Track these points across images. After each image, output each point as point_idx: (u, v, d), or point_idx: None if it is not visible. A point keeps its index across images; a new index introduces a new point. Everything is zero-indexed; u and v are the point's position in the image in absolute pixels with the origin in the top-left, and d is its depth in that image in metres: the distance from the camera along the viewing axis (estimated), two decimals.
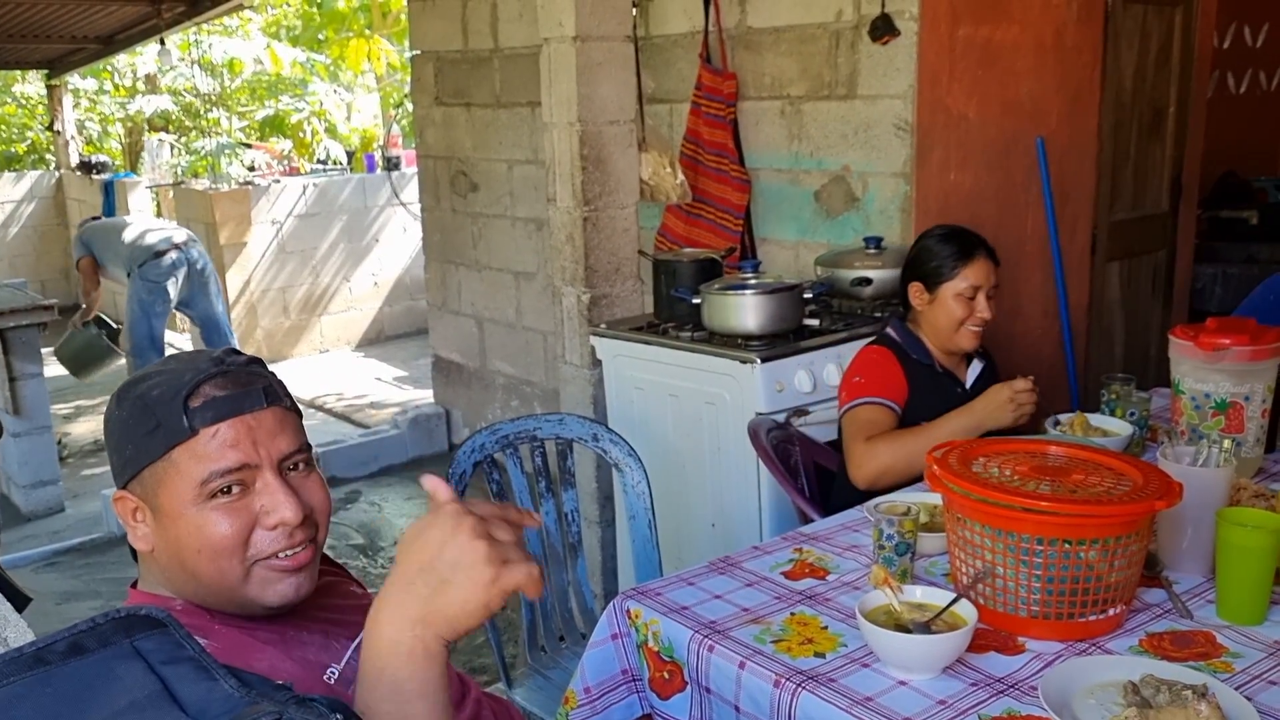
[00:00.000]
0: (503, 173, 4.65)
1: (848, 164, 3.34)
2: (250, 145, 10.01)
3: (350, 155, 9.40)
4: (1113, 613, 1.50)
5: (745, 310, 2.84)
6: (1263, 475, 2.04)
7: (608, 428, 2.49)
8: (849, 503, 2.09)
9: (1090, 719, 1.28)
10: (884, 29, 3.10)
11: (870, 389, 2.31)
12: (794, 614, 1.59)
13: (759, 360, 2.76)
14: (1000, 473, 1.55)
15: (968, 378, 2.43)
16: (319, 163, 9.47)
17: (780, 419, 2.67)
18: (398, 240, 7.89)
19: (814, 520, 2.08)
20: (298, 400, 1.21)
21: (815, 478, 2.55)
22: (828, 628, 1.55)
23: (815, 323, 2.96)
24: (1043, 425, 2.16)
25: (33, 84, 11.50)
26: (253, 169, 9.03)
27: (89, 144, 11.07)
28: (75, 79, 10.17)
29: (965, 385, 2.41)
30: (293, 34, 11.24)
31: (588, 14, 3.39)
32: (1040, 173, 3.38)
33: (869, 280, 3.04)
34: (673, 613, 1.61)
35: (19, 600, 2.12)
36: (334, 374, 7.02)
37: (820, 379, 2.85)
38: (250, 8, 9.81)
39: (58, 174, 9.76)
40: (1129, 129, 3.64)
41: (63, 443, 5.49)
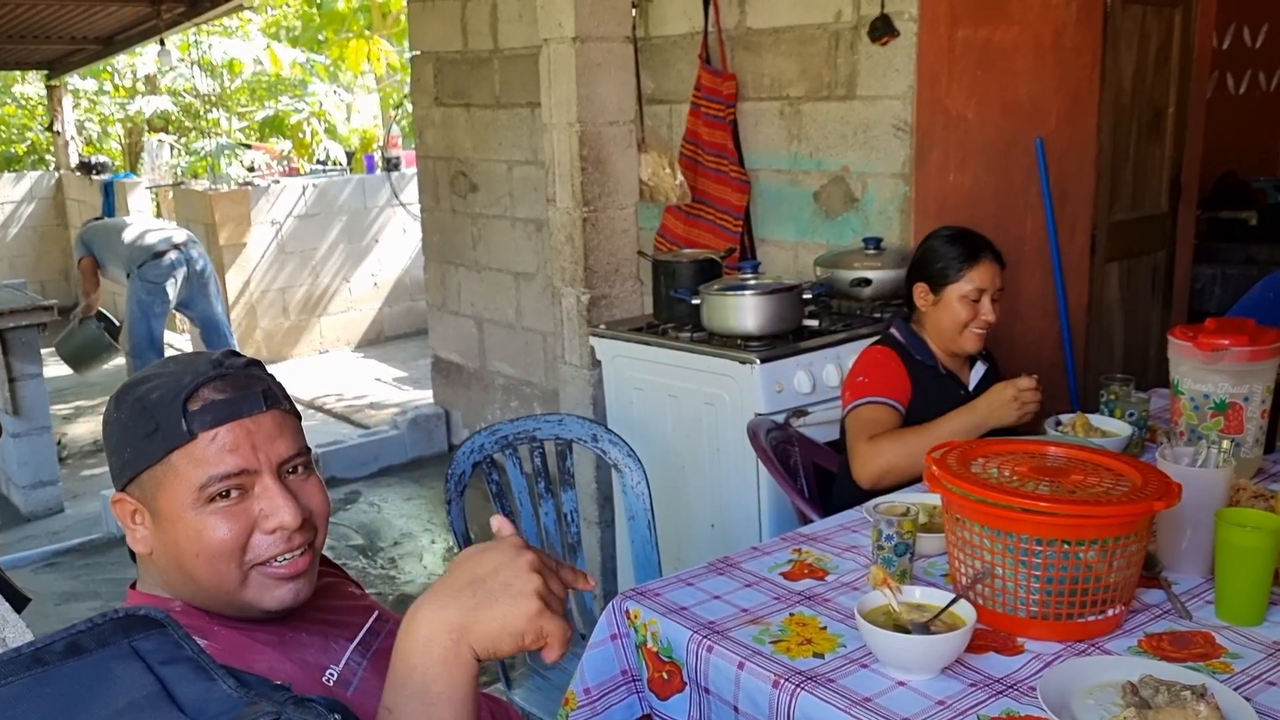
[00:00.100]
0: (502, 173, 4.65)
1: (847, 165, 3.35)
2: (250, 146, 10.02)
3: (350, 156, 9.41)
4: (1112, 613, 1.50)
5: (744, 311, 2.84)
6: (1262, 476, 2.04)
7: (607, 428, 2.49)
8: (849, 503, 2.08)
9: (1089, 719, 1.28)
10: (883, 30, 3.10)
11: (874, 389, 2.31)
12: (793, 614, 1.59)
13: (758, 361, 2.76)
14: (999, 473, 1.55)
15: (971, 379, 2.43)
16: (319, 163, 9.47)
17: (779, 420, 2.67)
18: (397, 241, 7.89)
19: (813, 521, 2.08)
20: (297, 401, 1.21)
21: (814, 478, 2.55)
22: (827, 628, 1.55)
23: (814, 323, 2.96)
24: (1042, 426, 2.16)
25: (32, 84, 11.51)
26: (252, 170, 9.03)
27: (89, 145, 11.07)
28: (75, 80, 10.18)
29: (968, 387, 2.41)
30: (292, 35, 11.25)
31: (587, 15, 3.39)
32: (1039, 173, 3.38)
33: (868, 281, 3.04)
34: (672, 613, 1.61)
35: (18, 601, 2.12)
36: (333, 375, 7.02)
37: (819, 379, 2.85)
38: (250, 8, 9.82)
39: (57, 175, 9.76)
40: (1128, 130, 3.64)
41: (62, 443, 5.49)
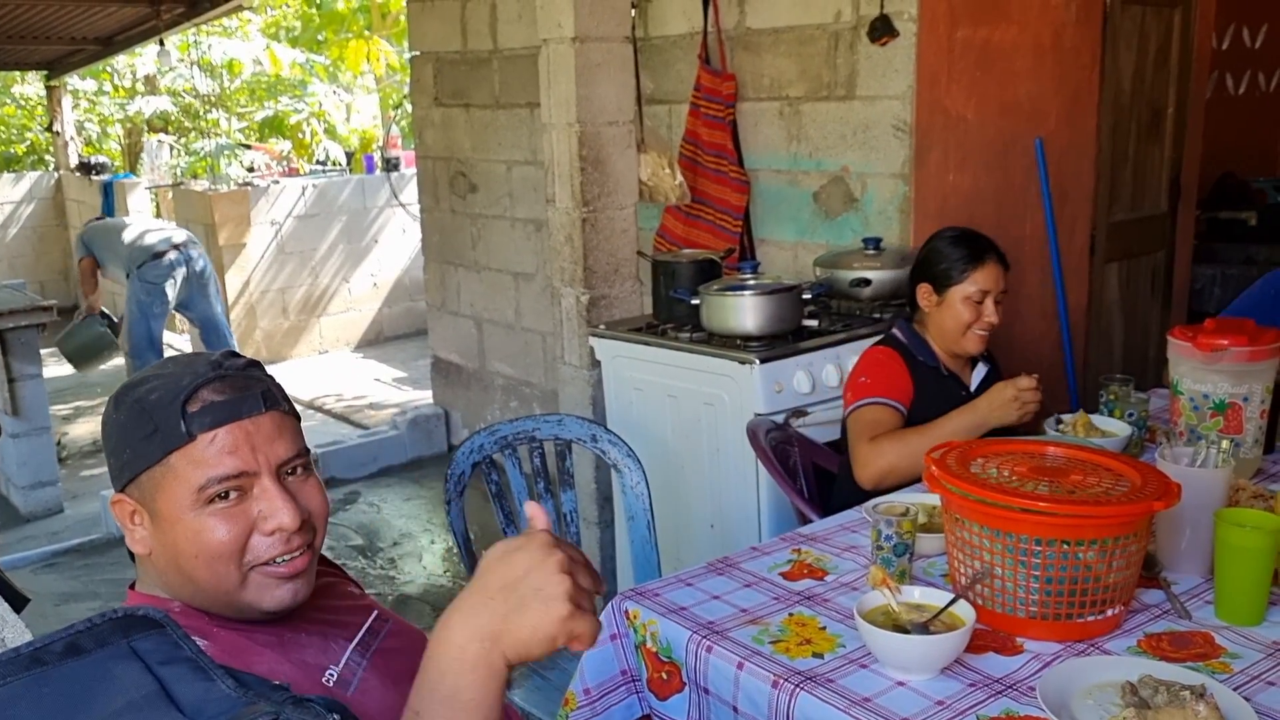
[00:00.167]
0: (502, 174, 4.65)
1: (846, 165, 3.35)
2: (249, 146, 10.02)
3: (349, 156, 9.41)
4: (1111, 613, 1.50)
5: (744, 311, 2.84)
6: (1261, 476, 2.04)
7: (606, 429, 2.49)
8: (849, 504, 2.08)
9: (1088, 719, 1.28)
10: (883, 30, 3.10)
11: (876, 389, 2.30)
12: (792, 614, 1.59)
13: (758, 361, 2.76)
14: (998, 473, 1.55)
15: (972, 381, 2.42)
16: (318, 163, 9.47)
17: (779, 420, 2.67)
18: (397, 241, 7.89)
19: (812, 521, 2.08)
20: (297, 401, 1.21)
21: (814, 478, 2.55)
22: (826, 628, 1.55)
23: (814, 323, 2.96)
24: (1042, 426, 2.16)
25: (32, 85, 11.51)
26: (252, 170, 9.03)
27: (88, 145, 11.07)
28: (74, 80, 10.18)
29: (970, 388, 2.41)
30: (292, 35, 11.25)
31: (586, 15, 3.39)
32: (1039, 174, 3.38)
33: (868, 281, 3.04)
34: (671, 613, 1.61)
35: (17, 601, 2.12)
36: (333, 375, 7.02)
37: (819, 380, 2.85)
38: (249, 9, 9.82)
39: (57, 175, 9.76)
40: (1128, 130, 3.64)
41: (62, 443, 5.49)
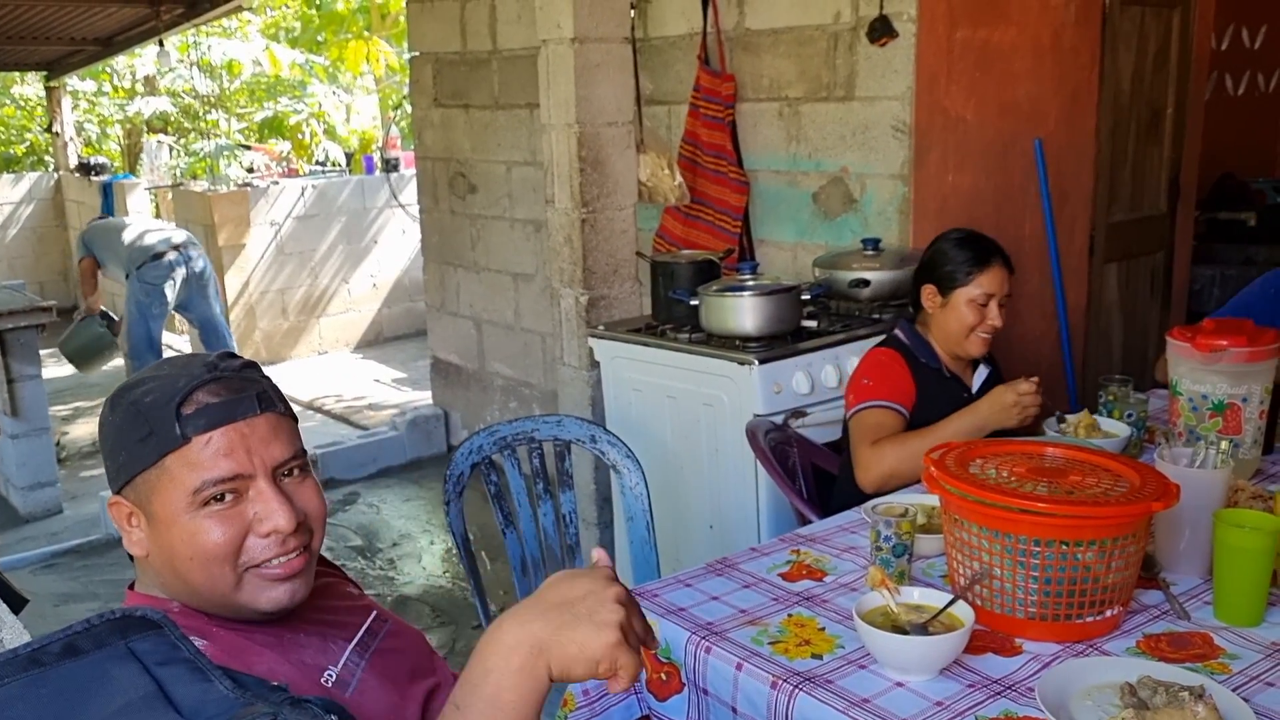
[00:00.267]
0: (501, 174, 4.65)
1: (846, 165, 3.34)
2: (249, 147, 10.02)
3: (349, 157, 9.40)
4: (1110, 614, 1.50)
5: (743, 312, 2.84)
6: (1260, 476, 2.04)
7: (606, 429, 2.49)
8: (849, 505, 2.08)
9: None
10: (882, 31, 3.10)
11: (878, 392, 2.30)
12: (791, 615, 1.59)
13: (757, 362, 2.76)
14: (997, 474, 1.55)
15: (974, 382, 2.42)
16: (318, 164, 9.47)
17: (778, 420, 2.67)
18: (396, 242, 7.89)
19: (812, 522, 2.08)
20: (296, 402, 1.21)
21: (813, 479, 2.55)
22: (825, 629, 1.55)
23: (813, 324, 2.97)
24: (1041, 427, 2.16)
25: (31, 85, 11.51)
26: (251, 170, 9.03)
27: (88, 145, 11.07)
28: (74, 81, 10.18)
29: (971, 390, 2.40)
30: (291, 36, 11.24)
31: (586, 16, 3.40)
32: (1038, 174, 3.38)
33: (867, 282, 3.04)
34: (670, 614, 1.61)
35: (15, 602, 2.12)
36: (332, 376, 7.02)
37: (818, 380, 2.85)
38: (249, 9, 9.82)
39: (56, 176, 9.76)
40: (1127, 130, 3.64)
41: (61, 444, 5.49)
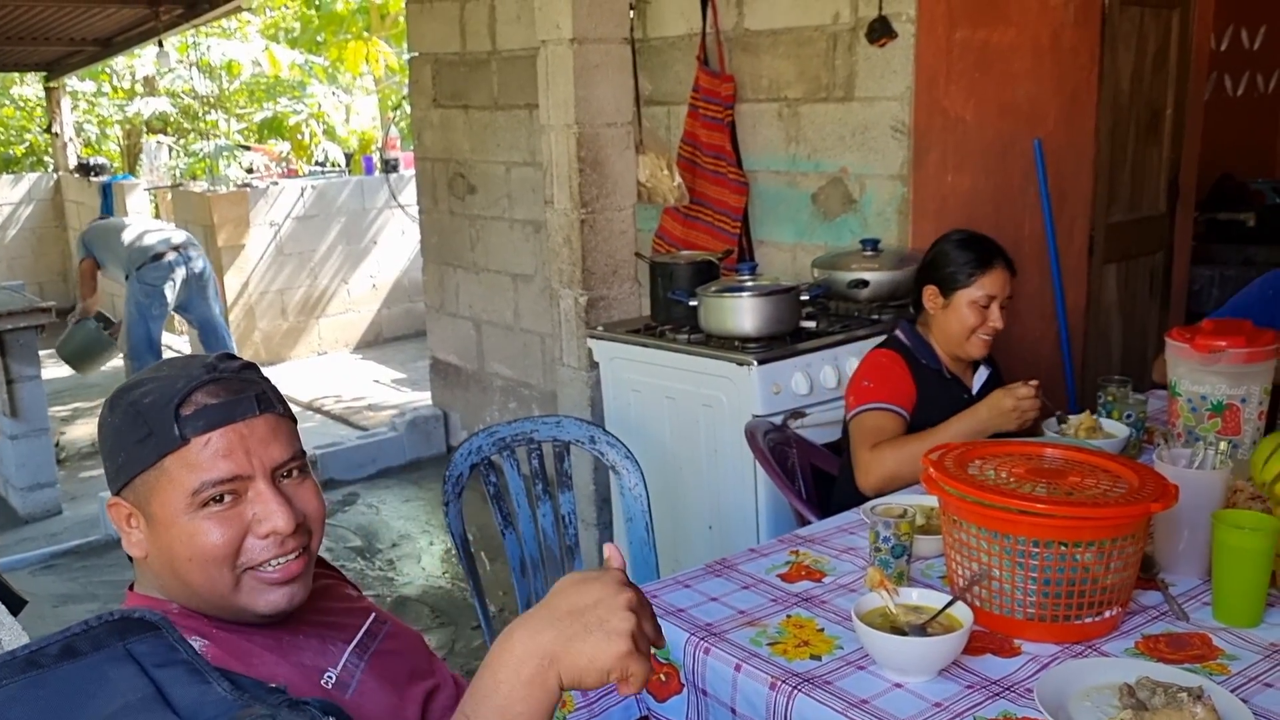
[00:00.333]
0: (500, 175, 4.65)
1: (845, 166, 3.35)
2: (248, 147, 10.01)
3: (348, 157, 9.40)
4: (1109, 615, 1.50)
5: (742, 312, 2.84)
6: None
7: (605, 430, 2.49)
8: (849, 505, 2.08)
9: None
10: (881, 31, 3.10)
11: (879, 394, 2.30)
12: (790, 616, 1.59)
13: (756, 362, 2.76)
14: (996, 475, 1.55)
15: (974, 384, 2.42)
16: (317, 165, 9.46)
17: (777, 421, 2.67)
18: (396, 242, 7.89)
19: (811, 522, 2.08)
20: (295, 403, 1.21)
21: (812, 480, 2.55)
22: (824, 630, 1.55)
23: (812, 325, 2.97)
24: (1041, 428, 2.16)
25: (31, 86, 11.50)
26: (251, 171, 9.02)
27: (87, 146, 11.06)
28: (73, 81, 10.17)
29: (971, 391, 2.40)
30: (291, 36, 11.24)
31: (585, 16, 3.40)
32: (1037, 175, 3.38)
33: (866, 282, 3.04)
34: (669, 615, 1.61)
35: (14, 603, 2.12)
36: (332, 376, 7.01)
37: (817, 381, 2.85)
38: (248, 10, 9.82)
39: (56, 176, 9.75)
40: (1126, 131, 3.64)
41: (60, 445, 5.49)
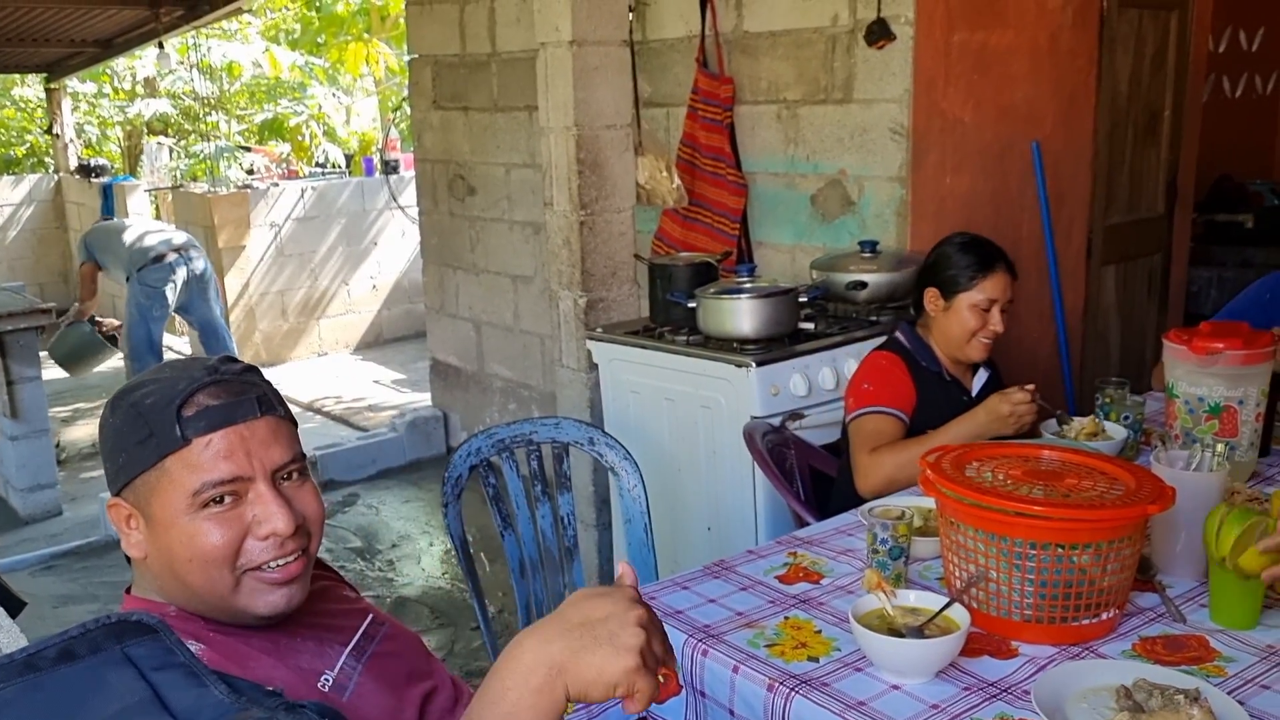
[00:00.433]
0: (500, 176, 4.65)
1: (844, 168, 3.35)
2: (249, 149, 10.01)
3: (349, 159, 9.40)
4: (1106, 617, 1.50)
5: (741, 314, 2.84)
6: (1256, 479, 2.05)
7: (604, 431, 2.49)
8: (848, 507, 2.08)
9: None
10: (880, 33, 3.11)
11: (878, 398, 2.30)
12: (788, 618, 1.60)
13: (754, 364, 2.76)
14: (993, 477, 1.55)
15: (974, 386, 2.42)
16: (318, 166, 9.46)
17: (776, 423, 2.68)
18: (396, 244, 7.89)
19: (809, 524, 2.08)
20: (296, 403, 1.21)
21: (810, 481, 2.55)
22: (821, 632, 1.55)
23: (810, 326, 2.97)
24: (1039, 430, 2.16)
25: (31, 87, 11.50)
26: (251, 172, 9.02)
27: (88, 147, 11.06)
28: (74, 82, 10.18)
29: (971, 393, 2.41)
30: (291, 38, 11.24)
31: (584, 18, 3.40)
32: (1036, 176, 3.39)
33: (864, 284, 3.04)
34: (667, 616, 1.61)
35: (13, 605, 2.12)
36: (332, 377, 7.01)
37: (815, 382, 2.85)
38: (249, 11, 9.82)
39: (56, 177, 9.75)
40: (1124, 133, 3.65)
41: (61, 446, 5.49)
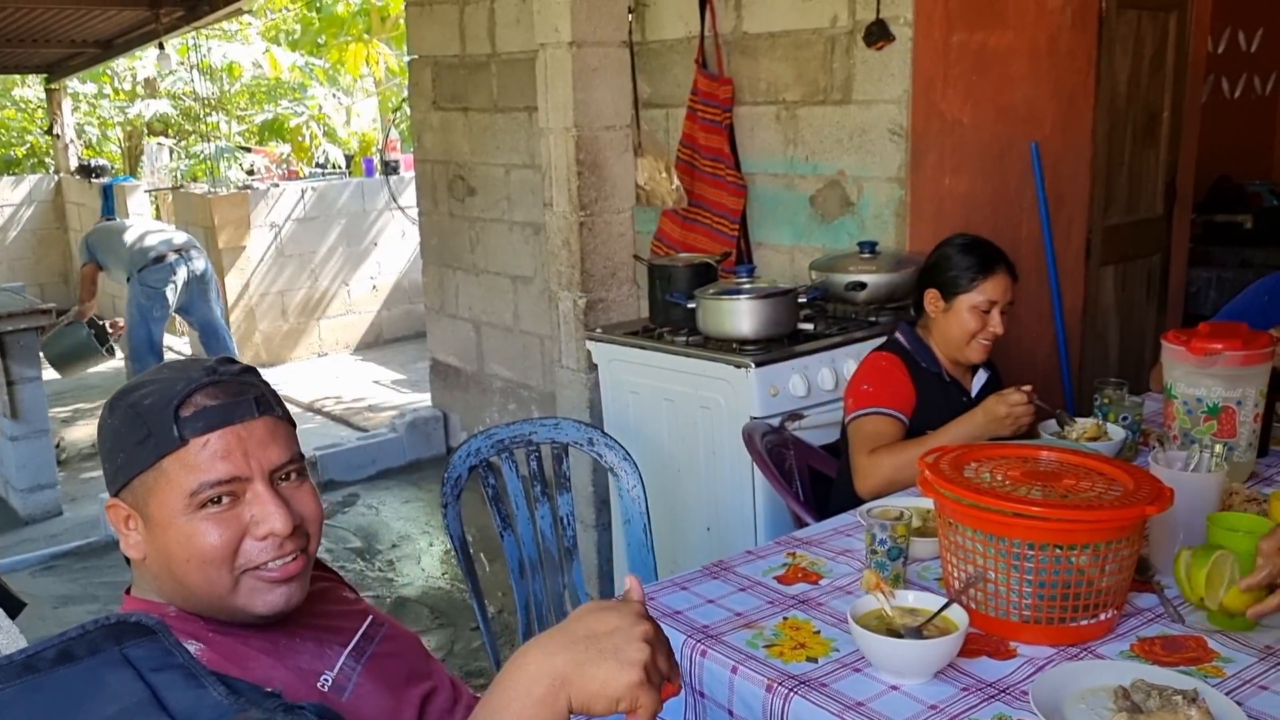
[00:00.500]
0: (500, 177, 4.65)
1: (843, 169, 3.35)
2: (249, 149, 10.02)
3: (349, 159, 9.41)
4: (1104, 617, 1.50)
5: (740, 315, 2.85)
6: (1255, 480, 2.05)
7: (603, 432, 2.50)
8: (848, 507, 2.08)
9: None
10: (879, 34, 3.11)
11: (878, 399, 2.30)
12: (787, 618, 1.60)
13: (754, 365, 2.77)
14: (992, 478, 1.55)
15: (973, 387, 2.42)
16: (318, 166, 9.47)
17: (775, 423, 2.68)
18: (396, 244, 7.89)
19: (808, 524, 2.08)
20: (296, 404, 1.21)
21: (809, 482, 2.55)
22: (820, 632, 1.55)
23: (810, 327, 2.97)
24: (1038, 430, 2.16)
25: (32, 88, 11.51)
26: (251, 173, 9.03)
27: (88, 148, 11.07)
28: (74, 83, 10.18)
29: (970, 394, 2.41)
30: (292, 38, 11.24)
31: (584, 19, 3.40)
32: (1035, 177, 3.39)
33: (863, 285, 3.04)
34: (666, 617, 1.61)
35: (12, 606, 2.13)
36: (332, 377, 7.02)
37: (815, 383, 2.85)
38: (249, 12, 9.82)
39: (57, 178, 9.76)
40: (1123, 134, 3.65)
41: (61, 446, 5.49)
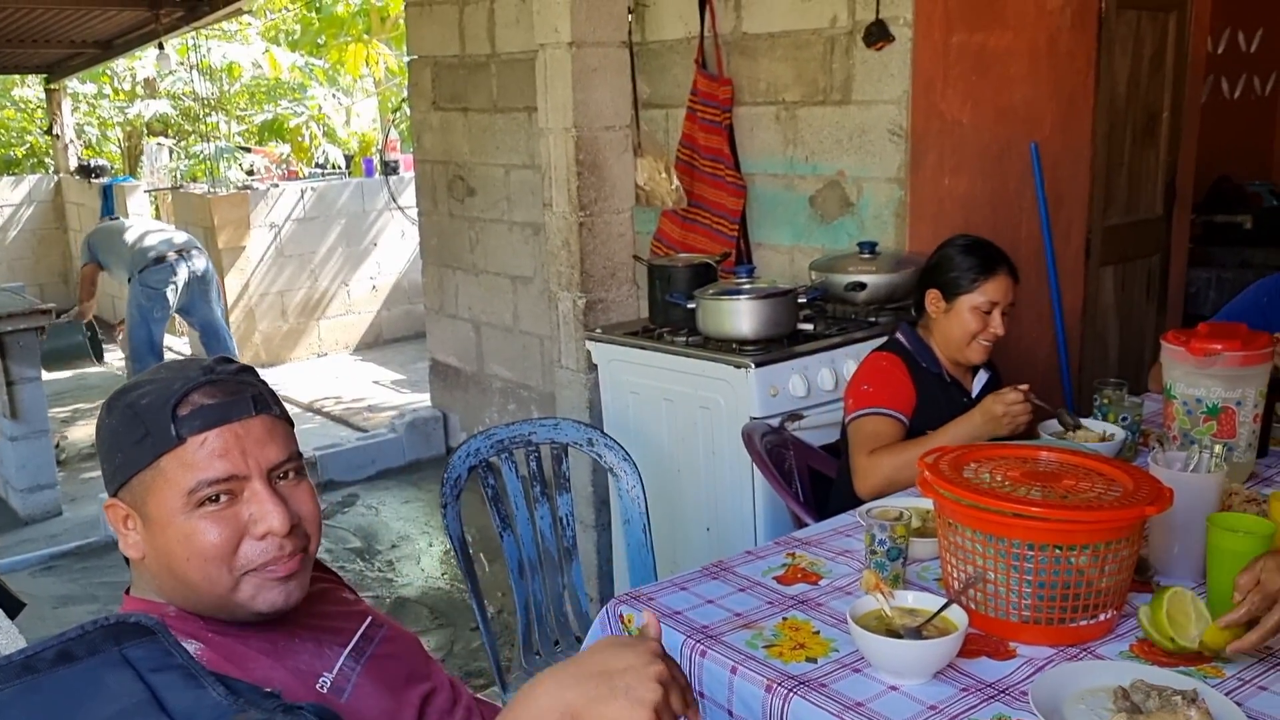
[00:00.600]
0: (500, 177, 4.65)
1: (842, 169, 3.35)
2: (249, 149, 10.02)
3: (348, 159, 9.41)
4: (1104, 618, 1.50)
5: (740, 315, 2.85)
6: (1254, 480, 2.05)
7: (603, 432, 2.50)
8: (847, 507, 2.08)
9: None
10: (878, 35, 3.11)
11: (878, 399, 2.29)
12: (786, 619, 1.60)
13: (753, 365, 2.77)
14: (991, 478, 1.55)
15: (973, 387, 2.42)
16: (317, 167, 9.47)
17: (774, 423, 2.68)
18: (396, 244, 7.90)
19: (807, 525, 2.08)
20: (295, 404, 1.21)
21: (809, 482, 2.55)
22: (820, 632, 1.55)
23: (809, 327, 2.97)
24: (1036, 431, 2.16)
25: (32, 88, 11.50)
26: (251, 173, 9.03)
27: (88, 148, 11.07)
28: (74, 83, 10.18)
29: (971, 395, 2.41)
30: (291, 39, 11.24)
31: (583, 20, 3.40)
32: (1034, 178, 3.39)
33: (863, 285, 3.04)
34: (665, 617, 1.61)
35: (12, 606, 2.13)
36: (332, 377, 7.02)
37: (814, 383, 2.86)
38: (249, 12, 9.82)
39: (56, 178, 9.76)
40: (1123, 134, 3.65)
41: (60, 446, 5.49)
